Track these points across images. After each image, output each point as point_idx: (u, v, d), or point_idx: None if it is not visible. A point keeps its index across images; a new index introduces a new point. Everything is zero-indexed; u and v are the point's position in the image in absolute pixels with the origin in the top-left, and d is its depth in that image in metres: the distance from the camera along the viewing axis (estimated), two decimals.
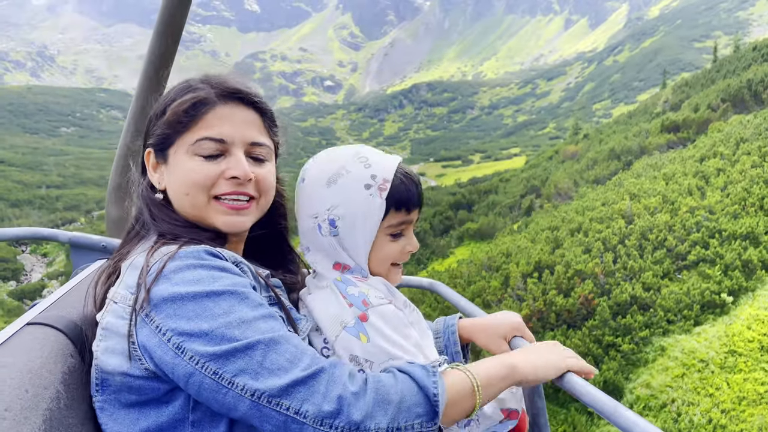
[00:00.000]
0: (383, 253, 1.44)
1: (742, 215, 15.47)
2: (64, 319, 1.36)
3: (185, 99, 1.33)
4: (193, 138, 1.32)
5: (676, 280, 14.73)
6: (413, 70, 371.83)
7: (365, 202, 1.38)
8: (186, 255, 1.19)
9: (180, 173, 1.33)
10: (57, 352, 1.25)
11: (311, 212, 1.43)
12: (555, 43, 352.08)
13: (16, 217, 71.21)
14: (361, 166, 1.41)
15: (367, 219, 1.39)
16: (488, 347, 1.61)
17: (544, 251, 17.27)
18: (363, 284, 1.39)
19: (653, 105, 44.83)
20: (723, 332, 13.16)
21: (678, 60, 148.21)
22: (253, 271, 1.30)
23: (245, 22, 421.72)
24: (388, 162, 1.44)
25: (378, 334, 1.30)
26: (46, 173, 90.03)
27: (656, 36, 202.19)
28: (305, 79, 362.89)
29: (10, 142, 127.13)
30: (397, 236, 1.45)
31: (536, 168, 45.35)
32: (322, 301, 1.40)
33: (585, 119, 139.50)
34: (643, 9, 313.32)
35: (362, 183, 1.39)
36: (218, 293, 1.12)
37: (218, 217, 1.34)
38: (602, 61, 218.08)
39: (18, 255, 53.88)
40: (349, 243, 1.42)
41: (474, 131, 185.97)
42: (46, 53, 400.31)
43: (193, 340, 1.08)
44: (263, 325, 1.12)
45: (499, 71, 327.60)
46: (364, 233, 1.40)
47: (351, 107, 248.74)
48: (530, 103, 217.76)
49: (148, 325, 1.12)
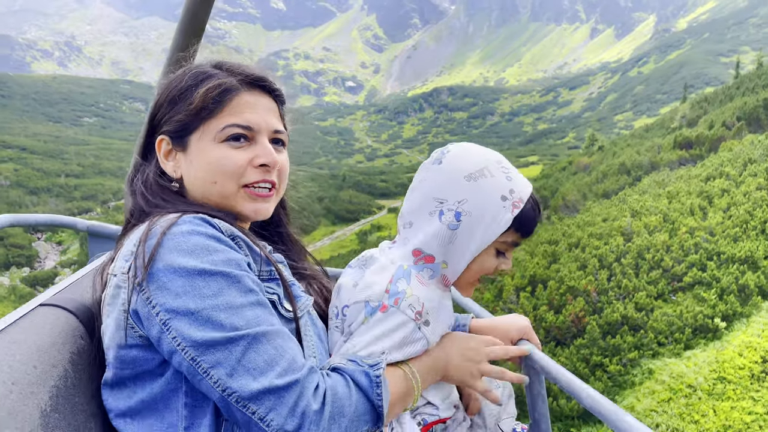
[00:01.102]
0: (482, 265, 1.43)
1: (742, 238, 15.14)
2: (75, 301, 1.38)
3: (212, 85, 1.31)
4: (220, 125, 1.31)
5: (671, 301, 14.46)
6: (435, 73, 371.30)
7: (496, 211, 1.37)
8: (184, 221, 1.18)
9: (206, 161, 1.31)
10: (67, 333, 1.28)
11: (440, 196, 1.41)
12: (579, 52, 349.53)
13: (33, 204, 72.20)
14: (504, 176, 1.41)
15: (490, 227, 1.38)
16: None
17: (540, 265, 17.07)
18: (418, 287, 1.37)
19: (670, 119, 44.26)
20: (714, 358, 12.87)
21: (703, 74, 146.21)
22: (250, 245, 1.28)
23: (270, 19, 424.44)
24: (526, 184, 1.44)
25: (375, 325, 1.32)
26: (66, 162, 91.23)
27: (683, 49, 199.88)
28: (327, 79, 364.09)
29: (33, 129, 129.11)
30: (500, 254, 1.45)
31: (548, 178, 44.94)
32: (376, 268, 1.42)
33: (606, 130, 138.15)
34: (671, 21, 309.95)
35: (500, 192, 1.38)
36: (210, 273, 1.12)
37: (246, 204, 1.34)
38: (626, 72, 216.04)
39: (33, 242, 54.60)
40: (461, 241, 1.39)
41: (493, 137, 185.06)
42: (74, 43, 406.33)
43: (179, 319, 1.08)
44: (249, 313, 1.12)
45: (521, 78, 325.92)
46: (481, 240, 1.39)
47: (371, 109, 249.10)
48: (551, 112, 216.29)
49: (140, 294, 1.12)
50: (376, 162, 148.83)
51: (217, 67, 1.38)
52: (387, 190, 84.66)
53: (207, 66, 1.39)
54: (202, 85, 1.32)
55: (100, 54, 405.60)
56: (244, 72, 1.36)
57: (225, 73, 1.36)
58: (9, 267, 48.27)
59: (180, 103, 1.34)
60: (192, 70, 1.37)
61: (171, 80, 1.39)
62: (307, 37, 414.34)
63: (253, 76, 1.37)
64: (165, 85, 1.39)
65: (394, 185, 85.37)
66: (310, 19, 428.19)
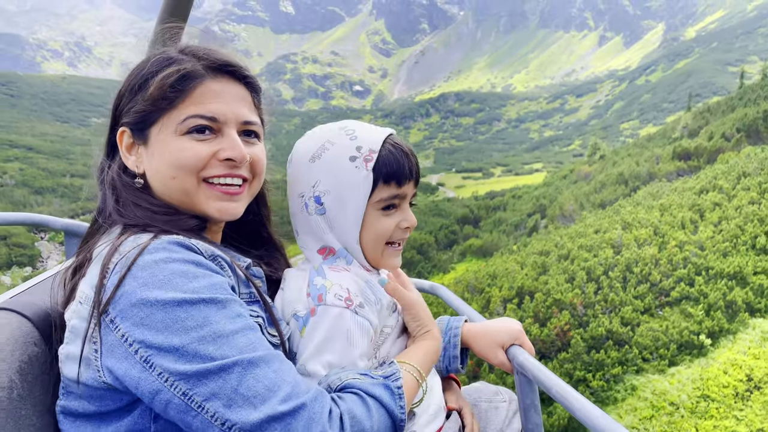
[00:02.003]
0: (376, 230, 1.35)
1: (732, 253, 14.98)
2: (33, 306, 1.27)
3: (170, 71, 1.19)
4: (181, 116, 1.18)
5: (657, 316, 14.30)
6: (443, 79, 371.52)
7: (350, 175, 1.30)
8: (156, 248, 1.06)
9: (166, 154, 1.19)
10: (18, 340, 1.18)
11: (298, 191, 1.36)
12: (587, 60, 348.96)
13: (38, 203, 72.47)
14: (347, 138, 1.33)
15: (354, 192, 1.30)
16: (484, 354, 1.55)
17: (529, 276, 16.94)
18: (335, 276, 1.30)
19: (672, 129, 44.02)
20: (698, 375, 12.70)
21: (711, 83, 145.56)
22: (231, 265, 1.17)
23: (279, 23, 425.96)
24: (376, 133, 1.35)
25: (311, 333, 1.24)
26: (72, 162, 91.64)
27: (691, 57, 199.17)
28: (335, 83, 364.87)
29: (41, 129, 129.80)
30: (390, 210, 1.36)
31: (549, 186, 44.83)
32: (290, 283, 1.35)
33: (612, 138, 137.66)
34: (680, 29, 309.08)
35: (347, 155, 1.31)
36: (192, 302, 1.01)
37: (210, 203, 1.22)
38: (634, 80, 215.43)
39: (36, 241, 54.76)
40: (337, 220, 1.33)
41: (499, 144, 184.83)
42: (84, 44, 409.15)
43: (163, 355, 0.98)
44: (242, 340, 1.02)
45: (529, 84, 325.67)
46: (352, 208, 1.31)
47: (378, 113, 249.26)
48: (558, 119, 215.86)
49: (113, 332, 1.01)
50: None
51: (183, 51, 1.25)
52: None
53: (173, 51, 1.26)
54: (161, 72, 1.19)
55: (110, 55, 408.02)
56: (209, 56, 1.23)
57: (190, 57, 1.23)
58: (11, 266, 48.52)
59: (139, 93, 1.21)
60: (156, 56, 1.24)
61: (135, 67, 1.27)
62: (315, 41, 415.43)
63: (220, 61, 1.23)
64: (129, 73, 1.27)
65: None
66: (318, 23, 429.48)
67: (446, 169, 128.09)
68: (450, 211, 52.79)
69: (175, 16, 1.86)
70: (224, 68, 1.24)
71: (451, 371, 1.60)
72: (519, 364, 1.47)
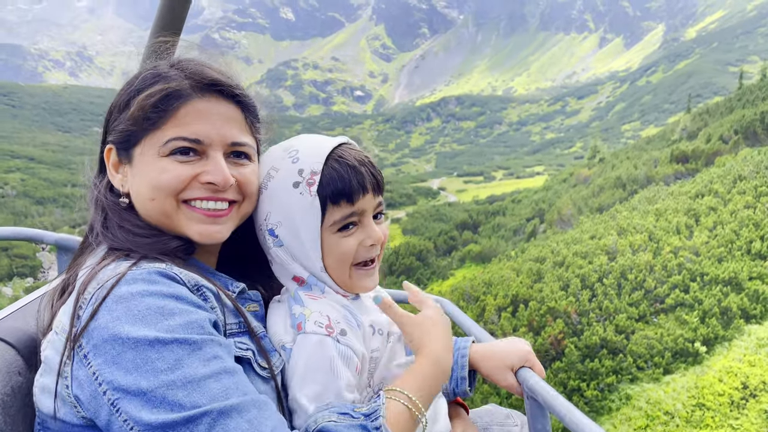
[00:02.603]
0: (337, 255, 1.26)
1: (727, 258, 14.84)
2: (18, 331, 1.21)
3: (153, 90, 1.13)
4: (163, 138, 1.13)
5: (652, 323, 14.16)
6: (443, 83, 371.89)
7: (297, 203, 1.22)
8: (135, 279, 1.01)
9: (146, 175, 1.14)
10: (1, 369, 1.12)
11: (257, 223, 1.30)
12: (588, 61, 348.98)
13: (39, 214, 72.63)
14: (289, 161, 1.25)
15: (304, 221, 1.22)
16: (493, 377, 1.48)
17: (523, 284, 16.82)
18: (313, 304, 1.23)
19: (671, 131, 43.88)
20: (693, 383, 12.56)
21: (711, 84, 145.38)
22: (217, 295, 1.11)
23: (279, 30, 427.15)
24: (319, 149, 1.25)
25: (294, 363, 1.18)
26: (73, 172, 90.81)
27: (691, 58, 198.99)
28: (336, 89, 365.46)
29: (42, 139, 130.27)
30: (349, 229, 1.27)
31: (548, 191, 44.68)
32: (272, 316, 1.29)
33: (614, 140, 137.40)
34: (680, 30, 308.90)
35: (290, 181, 1.23)
36: (164, 342, 0.94)
37: (191, 225, 1.16)
38: (635, 82, 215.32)
39: (38, 252, 54.83)
40: (296, 251, 1.26)
41: (500, 147, 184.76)
42: (85, 53, 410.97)
43: (130, 399, 0.92)
44: (214, 386, 0.95)
45: (530, 87, 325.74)
46: (307, 238, 1.23)
47: (379, 118, 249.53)
48: (559, 121, 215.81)
49: (84, 368, 0.96)
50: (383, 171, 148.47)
51: (175, 66, 1.19)
52: (391, 200, 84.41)
53: (164, 66, 1.20)
54: (145, 90, 1.14)
55: (111, 64, 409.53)
56: (198, 75, 1.17)
57: (179, 74, 1.17)
58: (12, 277, 48.61)
59: (125, 110, 1.17)
60: (146, 71, 1.19)
61: (126, 82, 1.21)
62: (315, 47, 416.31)
63: (207, 79, 1.17)
64: (121, 87, 1.22)
65: (398, 195, 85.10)
66: (318, 29, 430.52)
67: (448, 173, 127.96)
68: (451, 216, 52.70)
69: (168, 29, 1.82)
70: (212, 87, 1.18)
71: (458, 394, 1.52)
72: (530, 387, 1.40)
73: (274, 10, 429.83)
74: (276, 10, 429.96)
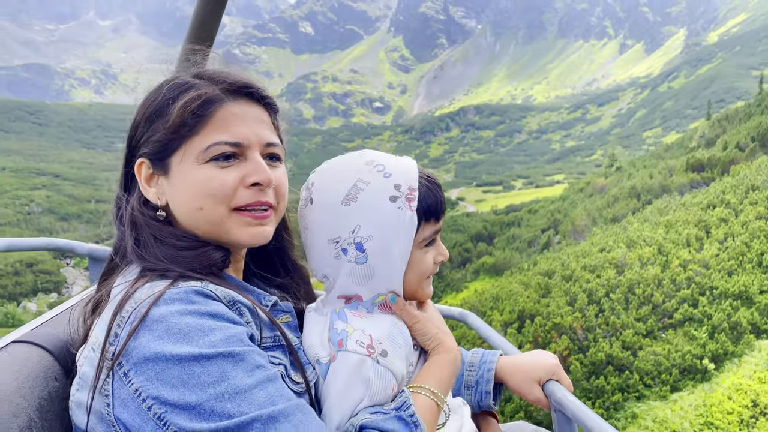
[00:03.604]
0: (419, 269, 1.29)
1: (737, 272, 14.51)
2: (54, 337, 1.23)
3: (191, 97, 1.15)
4: (204, 143, 1.14)
5: (660, 339, 13.88)
6: (462, 92, 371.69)
7: (394, 218, 1.23)
8: (173, 299, 1.03)
9: (190, 184, 1.15)
10: (38, 374, 1.15)
11: (331, 236, 1.26)
12: (608, 68, 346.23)
13: (63, 230, 74.05)
14: (380, 176, 1.26)
15: (399, 236, 1.23)
16: (519, 391, 1.48)
17: (530, 299, 16.63)
18: (358, 322, 1.24)
19: (690, 138, 43.24)
20: (701, 401, 12.25)
21: (734, 88, 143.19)
22: (253, 309, 1.14)
23: (299, 44, 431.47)
24: (407, 166, 1.29)
25: (332, 380, 1.18)
26: (97, 188, 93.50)
27: (713, 62, 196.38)
28: (355, 101, 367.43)
29: (67, 156, 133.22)
30: (430, 246, 1.31)
31: (565, 201, 44.20)
32: (310, 327, 1.30)
33: (635, 147, 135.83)
34: (702, 34, 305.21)
35: (387, 195, 1.23)
36: (208, 357, 0.98)
37: (241, 230, 1.18)
38: (656, 87, 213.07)
39: (62, 268, 55.77)
40: (381, 266, 1.25)
41: (520, 155, 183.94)
42: (110, 71, 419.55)
43: (178, 413, 0.95)
44: (260, 394, 0.99)
45: (549, 95, 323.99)
46: (399, 253, 1.25)
47: (398, 129, 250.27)
48: (580, 129, 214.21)
49: (125, 386, 0.98)
50: None
51: (198, 76, 1.21)
52: None
53: (186, 76, 1.22)
54: (180, 98, 1.16)
55: (135, 81, 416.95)
56: (227, 79, 1.20)
57: (206, 82, 1.19)
58: (37, 293, 49.46)
59: (157, 121, 1.17)
60: (170, 82, 1.20)
61: (148, 95, 1.22)
62: (335, 60, 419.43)
63: (239, 83, 1.20)
64: (142, 102, 1.22)
65: None
66: (337, 43, 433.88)
67: (467, 183, 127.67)
68: (469, 227, 52.42)
69: (202, 39, 1.83)
70: (242, 90, 1.20)
71: (483, 407, 1.52)
72: (557, 401, 1.39)
73: (294, 25, 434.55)
74: (295, 24, 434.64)
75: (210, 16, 1.85)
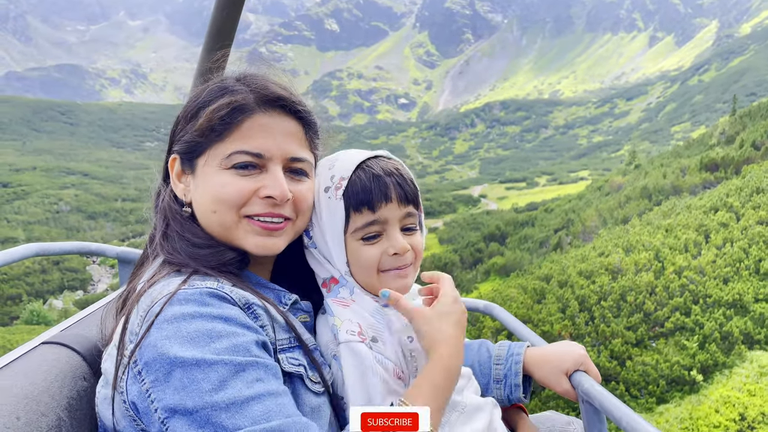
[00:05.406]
0: (360, 262, 1.29)
1: (733, 279, 14.11)
2: (83, 338, 1.26)
3: (221, 104, 1.18)
4: (227, 150, 1.17)
5: (650, 348, 13.58)
6: (488, 88, 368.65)
7: (326, 206, 1.28)
8: (186, 299, 1.04)
9: (209, 187, 1.18)
10: (66, 375, 1.16)
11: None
12: (638, 61, 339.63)
13: (91, 228, 75.44)
14: (326, 168, 1.31)
15: (330, 224, 1.28)
16: (547, 382, 1.46)
17: (524, 304, 16.43)
18: (343, 312, 1.25)
19: (710, 136, 42.15)
20: (688, 414, 11.94)
21: (766, 81, 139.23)
22: (268, 311, 1.14)
23: (324, 41, 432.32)
24: (353, 159, 1.31)
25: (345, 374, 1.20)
26: (125, 186, 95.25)
27: (745, 55, 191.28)
28: (380, 97, 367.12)
29: (96, 155, 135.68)
30: (373, 239, 1.30)
31: (581, 199, 43.50)
32: (319, 327, 1.32)
33: (663, 142, 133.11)
34: (734, 26, 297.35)
35: (323, 186, 1.29)
36: (210, 363, 0.98)
37: (249, 238, 1.20)
38: (686, 81, 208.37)
39: (88, 266, 56.90)
40: (326, 253, 1.31)
41: (546, 151, 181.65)
42: (140, 71, 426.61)
43: (177, 419, 0.96)
44: (257, 408, 0.97)
45: (577, 89, 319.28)
46: (333, 241, 1.28)
47: (423, 125, 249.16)
48: (607, 123, 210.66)
49: (138, 384, 1.01)
50: (426, 179, 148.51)
51: (240, 80, 1.24)
52: (430, 209, 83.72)
53: (231, 79, 1.25)
54: (213, 103, 1.19)
55: (164, 80, 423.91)
56: (263, 89, 1.21)
57: (245, 88, 1.21)
58: (63, 290, 50.57)
59: (192, 121, 1.21)
60: (215, 84, 1.24)
61: (195, 93, 1.26)
62: (360, 57, 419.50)
63: (273, 95, 1.21)
64: (188, 98, 1.27)
65: (438, 203, 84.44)
66: (362, 39, 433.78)
67: (491, 179, 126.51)
68: (488, 224, 51.93)
69: (221, 41, 1.86)
70: (276, 102, 1.21)
71: (513, 401, 1.51)
72: (584, 391, 1.38)
73: (319, 22, 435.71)
74: (321, 21, 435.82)
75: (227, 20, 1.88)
